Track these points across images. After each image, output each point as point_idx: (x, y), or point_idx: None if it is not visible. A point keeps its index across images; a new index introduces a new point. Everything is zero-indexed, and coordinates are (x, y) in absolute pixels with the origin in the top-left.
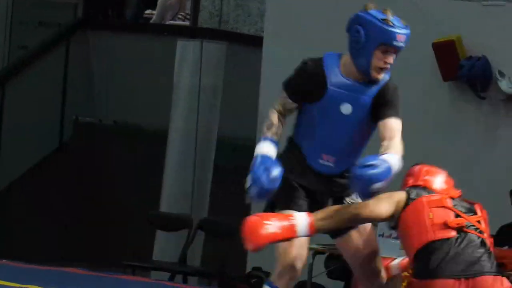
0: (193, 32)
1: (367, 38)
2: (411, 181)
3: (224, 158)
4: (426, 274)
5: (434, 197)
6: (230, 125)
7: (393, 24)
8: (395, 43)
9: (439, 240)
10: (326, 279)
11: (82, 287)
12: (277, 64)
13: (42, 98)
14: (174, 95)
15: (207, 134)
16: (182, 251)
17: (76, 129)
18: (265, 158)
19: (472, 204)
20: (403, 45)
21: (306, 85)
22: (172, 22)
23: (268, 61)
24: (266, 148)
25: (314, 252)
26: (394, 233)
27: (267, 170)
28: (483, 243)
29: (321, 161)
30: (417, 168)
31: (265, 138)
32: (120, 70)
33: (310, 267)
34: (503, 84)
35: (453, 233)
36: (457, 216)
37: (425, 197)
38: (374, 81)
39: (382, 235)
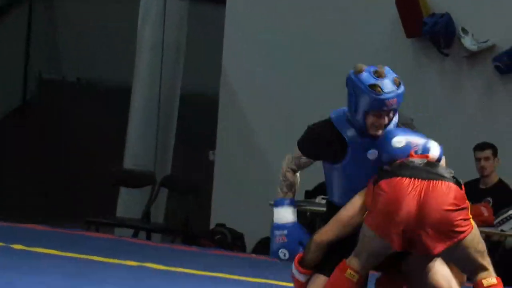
0: None
1: (357, 104)
2: None
3: (188, 115)
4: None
5: None
6: (193, 81)
7: (382, 90)
8: (385, 108)
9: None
10: None
11: (45, 243)
12: (240, 21)
13: (5, 56)
14: (137, 51)
15: (170, 91)
16: (146, 208)
17: (39, 86)
18: (296, 228)
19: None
20: (396, 106)
21: (326, 151)
22: None
23: (231, 17)
24: (292, 215)
25: None
26: None
27: (301, 244)
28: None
29: None
30: None
31: (288, 202)
32: (84, 27)
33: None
34: (466, 41)
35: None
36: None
37: None
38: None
39: None
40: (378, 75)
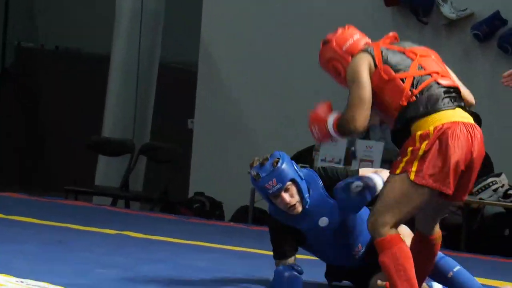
0: None
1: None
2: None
3: (166, 83)
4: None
5: None
6: (172, 50)
7: (261, 177)
8: (270, 192)
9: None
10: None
11: (23, 212)
12: None
13: None
14: (116, 19)
15: (149, 59)
16: (124, 176)
17: (18, 55)
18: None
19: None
20: (280, 186)
21: (292, 238)
22: None
23: None
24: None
25: None
26: (336, 157)
27: None
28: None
29: (337, 266)
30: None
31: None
32: None
33: (252, 192)
34: (445, 9)
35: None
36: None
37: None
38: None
39: (325, 160)
40: (261, 163)
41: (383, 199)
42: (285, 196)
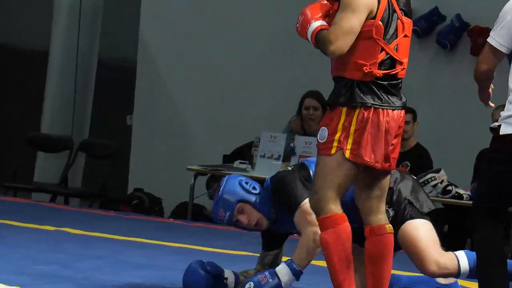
0: None
1: None
2: None
3: (105, 80)
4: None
5: None
6: (111, 46)
7: (213, 211)
8: (225, 222)
9: None
10: (208, 200)
11: None
12: None
13: None
14: (54, 15)
15: (88, 55)
16: (63, 173)
17: None
18: None
19: None
20: (230, 213)
21: None
22: None
23: None
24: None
25: (195, 173)
26: (275, 153)
27: None
28: None
29: None
30: None
31: None
32: None
33: (191, 188)
34: None
35: None
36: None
37: None
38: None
39: (264, 156)
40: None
41: (319, 177)
42: (242, 218)
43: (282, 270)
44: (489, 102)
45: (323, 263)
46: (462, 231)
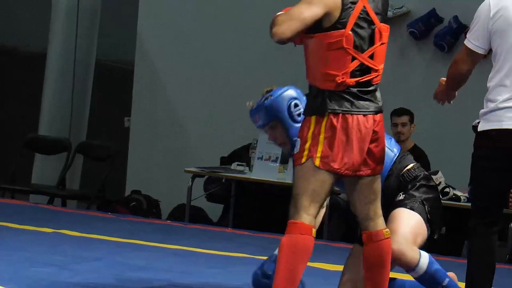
0: None
1: None
2: None
3: (103, 81)
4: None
5: None
6: (109, 48)
7: (252, 110)
8: (256, 126)
9: None
10: (205, 202)
11: None
12: None
13: None
14: (52, 17)
15: (86, 57)
16: (61, 175)
17: None
18: None
19: None
20: (261, 123)
21: None
22: None
23: None
24: None
25: (193, 175)
26: (273, 155)
27: None
28: None
29: None
30: None
31: None
32: None
33: (189, 190)
34: None
35: None
36: None
37: None
38: None
39: (261, 158)
40: (263, 94)
41: (295, 186)
42: (270, 132)
43: None
44: (446, 102)
45: (320, 265)
46: (460, 233)
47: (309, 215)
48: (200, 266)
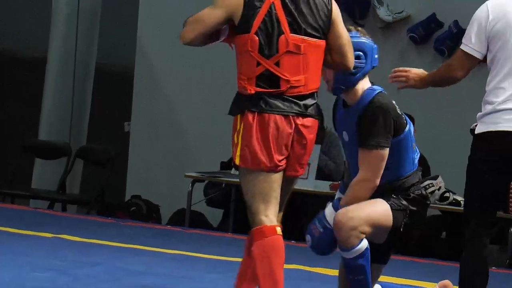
0: None
1: None
2: None
3: (103, 86)
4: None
5: None
6: (108, 52)
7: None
8: None
9: None
10: (205, 207)
11: None
12: None
13: None
14: (52, 21)
15: (86, 61)
16: (61, 179)
17: None
18: None
19: None
20: None
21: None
22: None
23: None
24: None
25: (193, 180)
26: None
27: None
28: None
29: None
30: None
31: None
32: None
33: (189, 194)
34: (382, 12)
35: None
36: None
37: None
38: (351, 105)
39: None
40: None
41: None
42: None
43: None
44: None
45: (324, 271)
46: (459, 237)
47: (267, 216)
48: (200, 271)
